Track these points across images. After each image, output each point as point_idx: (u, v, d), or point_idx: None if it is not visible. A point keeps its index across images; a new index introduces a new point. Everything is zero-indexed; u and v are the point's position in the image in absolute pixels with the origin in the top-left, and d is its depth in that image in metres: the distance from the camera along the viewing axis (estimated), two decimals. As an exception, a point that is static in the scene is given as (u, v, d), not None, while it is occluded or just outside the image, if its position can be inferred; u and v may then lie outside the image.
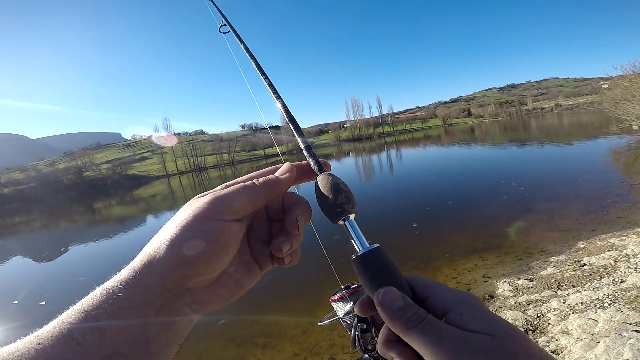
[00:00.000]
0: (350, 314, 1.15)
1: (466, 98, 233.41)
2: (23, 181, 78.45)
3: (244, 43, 0.86)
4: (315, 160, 0.47)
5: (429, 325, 0.32)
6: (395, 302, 0.34)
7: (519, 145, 24.06)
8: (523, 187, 9.87)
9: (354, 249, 0.40)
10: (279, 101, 0.63)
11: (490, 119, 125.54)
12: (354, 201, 0.42)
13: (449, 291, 0.35)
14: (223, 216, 0.36)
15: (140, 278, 0.32)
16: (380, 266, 0.37)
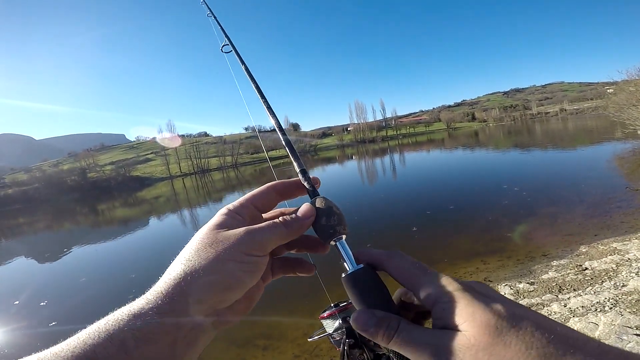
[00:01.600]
0: (339, 330, 1.17)
1: (470, 102, 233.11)
2: (27, 182, 78.99)
3: (245, 65, 0.88)
4: (309, 184, 0.50)
5: (404, 333, 0.33)
6: (367, 321, 0.36)
7: (523, 150, 23.99)
8: (525, 192, 9.85)
9: (344, 268, 0.42)
10: (277, 124, 0.65)
11: (494, 123, 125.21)
12: (345, 223, 0.45)
13: (434, 282, 0.35)
14: (258, 253, 0.38)
15: (174, 305, 0.33)
16: (368, 284, 0.39)
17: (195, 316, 0.34)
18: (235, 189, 28.58)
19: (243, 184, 33.78)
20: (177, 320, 0.33)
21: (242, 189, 27.95)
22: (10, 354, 4.97)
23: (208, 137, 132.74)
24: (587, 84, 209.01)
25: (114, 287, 7.26)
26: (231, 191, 27.84)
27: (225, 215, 0.42)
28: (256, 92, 0.76)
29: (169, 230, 14.76)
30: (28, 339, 5.38)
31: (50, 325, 5.67)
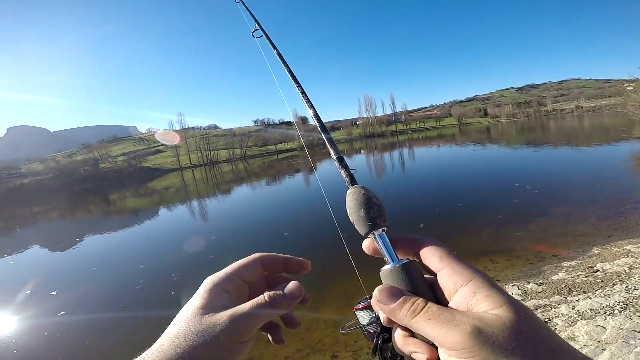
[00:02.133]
0: (374, 323, 1.16)
1: (482, 97, 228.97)
2: (42, 172, 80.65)
3: (277, 49, 0.88)
4: (347, 172, 0.49)
5: (433, 309, 0.33)
6: (392, 295, 0.36)
7: (536, 147, 23.55)
8: (537, 191, 9.67)
9: (384, 262, 0.41)
10: (311, 109, 0.65)
11: (507, 119, 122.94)
12: (385, 215, 0.43)
13: (460, 268, 0.36)
14: (244, 339, 0.39)
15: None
16: (408, 281, 0.38)
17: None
18: (244, 181, 28.72)
19: (251, 175, 33.95)
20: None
21: (250, 180, 28.11)
22: (19, 343, 5.08)
23: (217, 129, 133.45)
24: (605, 81, 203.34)
25: (123, 278, 7.38)
26: (239, 183, 28.00)
27: (210, 292, 0.41)
28: (289, 76, 0.76)
29: (177, 220, 14.95)
30: (37, 329, 5.48)
31: (59, 315, 5.77)
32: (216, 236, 10.07)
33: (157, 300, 5.87)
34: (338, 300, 4.88)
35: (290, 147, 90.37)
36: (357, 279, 3.00)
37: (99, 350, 4.60)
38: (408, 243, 0.42)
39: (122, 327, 5.18)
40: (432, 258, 0.38)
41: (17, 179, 78.66)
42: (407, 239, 0.42)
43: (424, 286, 0.38)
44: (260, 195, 19.31)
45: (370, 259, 0.45)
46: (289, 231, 9.14)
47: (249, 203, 16.84)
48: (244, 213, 13.67)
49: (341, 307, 4.69)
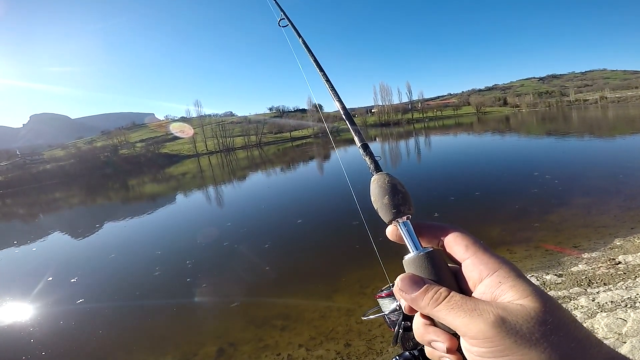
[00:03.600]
0: (397, 311, 1.17)
1: (502, 87, 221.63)
2: (64, 158, 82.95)
3: (302, 38, 0.88)
4: (371, 159, 0.49)
5: (456, 298, 0.33)
6: (414, 283, 0.36)
7: (557, 137, 22.82)
8: (558, 181, 9.40)
9: (407, 250, 0.40)
10: (336, 96, 0.64)
11: (527, 109, 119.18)
12: (410, 203, 0.42)
13: (486, 258, 0.35)
14: None
15: None
16: (432, 269, 0.37)
17: None
18: (259, 168, 28.90)
19: (266, 162, 34.11)
20: None
21: (265, 167, 28.25)
22: (35, 332, 5.16)
23: (233, 117, 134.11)
24: (632, 72, 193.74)
25: (140, 264, 7.55)
26: (254, 169, 28.19)
27: None
28: (314, 64, 0.75)
29: (194, 206, 15.21)
30: (55, 317, 5.56)
31: (77, 303, 5.87)
32: (231, 222, 10.21)
33: (172, 288, 6.00)
34: (352, 289, 4.89)
35: (304, 134, 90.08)
36: (370, 268, 3.07)
37: (113, 339, 4.70)
38: (433, 231, 0.41)
39: (137, 316, 5.27)
40: (457, 247, 0.38)
41: (39, 165, 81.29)
42: (431, 226, 0.41)
43: (447, 275, 0.37)
44: (275, 182, 19.42)
45: (392, 247, 0.45)
46: (303, 218, 9.19)
47: (263, 189, 16.96)
48: (259, 199, 13.79)
49: (355, 295, 4.70)
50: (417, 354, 1.11)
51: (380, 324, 3.90)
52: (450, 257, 0.39)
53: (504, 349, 0.28)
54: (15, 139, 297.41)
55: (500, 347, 0.29)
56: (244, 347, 4.00)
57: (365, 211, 1.04)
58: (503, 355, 0.29)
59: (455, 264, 0.38)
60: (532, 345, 0.28)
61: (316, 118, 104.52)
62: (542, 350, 0.28)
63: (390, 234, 0.43)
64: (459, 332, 0.32)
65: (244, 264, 6.51)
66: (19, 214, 25.38)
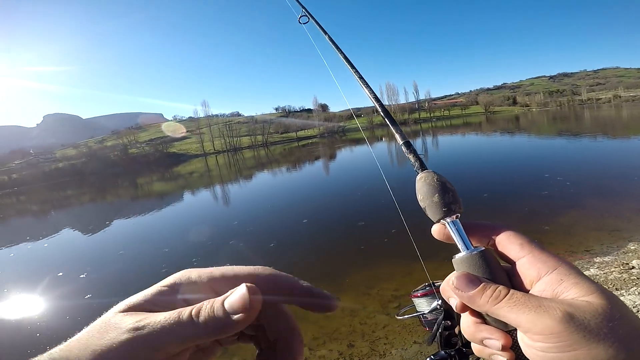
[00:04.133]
0: (436, 310, 1.17)
1: (511, 85, 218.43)
2: (75, 157, 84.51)
3: (328, 34, 0.85)
4: (416, 157, 0.48)
5: (518, 295, 0.33)
6: (471, 281, 0.36)
7: (569, 137, 22.44)
8: (569, 182, 9.21)
9: (457, 249, 0.40)
10: (371, 93, 0.62)
11: (537, 108, 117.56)
12: (460, 201, 0.42)
13: (543, 256, 0.35)
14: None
15: None
16: (486, 268, 0.37)
17: None
18: (265, 167, 28.97)
19: (272, 162, 34.18)
20: None
21: (271, 167, 28.32)
22: (43, 326, 5.18)
23: (240, 117, 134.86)
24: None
25: (148, 261, 7.60)
26: (261, 169, 28.27)
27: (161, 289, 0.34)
28: (344, 61, 0.72)
29: (201, 205, 15.30)
30: (62, 312, 5.60)
31: (85, 298, 5.93)
32: (238, 221, 10.23)
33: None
34: (357, 289, 4.83)
35: (310, 134, 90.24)
36: (375, 268, 2.98)
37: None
38: (483, 230, 0.41)
39: None
40: (512, 246, 0.38)
41: (52, 164, 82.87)
42: (482, 225, 0.41)
43: (501, 274, 0.37)
44: (281, 182, 19.44)
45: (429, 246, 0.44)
46: (309, 218, 9.15)
47: (270, 189, 17.00)
48: (265, 198, 13.81)
49: (360, 296, 4.65)
50: (454, 352, 1.10)
51: (385, 326, 3.84)
52: (502, 256, 0.39)
53: (571, 343, 0.29)
54: (29, 138, 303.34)
55: (567, 342, 0.29)
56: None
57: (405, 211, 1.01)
58: (570, 350, 0.29)
59: (507, 263, 0.39)
60: (601, 339, 0.28)
61: (322, 118, 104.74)
62: (609, 345, 0.28)
63: (438, 233, 0.43)
64: (521, 328, 0.32)
65: (249, 262, 6.48)
66: (32, 211, 25.86)
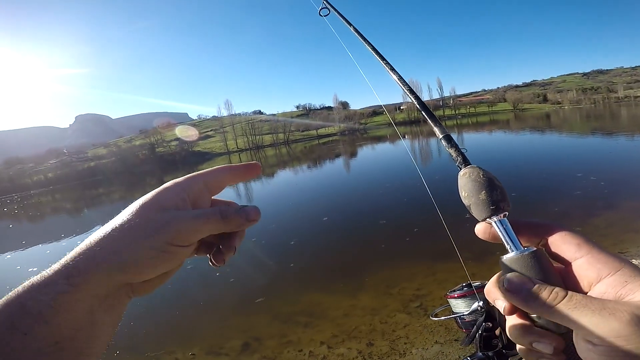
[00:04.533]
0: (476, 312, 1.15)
1: (542, 83, 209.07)
2: (106, 156, 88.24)
3: (353, 25, 0.83)
4: (458, 152, 0.46)
5: (575, 300, 0.31)
6: (525, 283, 0.34)
7: (604, 136, 21.35)
8: (604, 182, 8.75)
9: (505, 249, 0.39)
10: (406, 87, 0.59)
11: (570, 105, 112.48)
12: (508, 199, 0.40)
13: (604, 257, 0.34)
14: (184, 243, 0.36)
15: (87, 277, 0.32)
16: (539, 269, 0.35)
17: (108, 287, 0.34)
18: (287, 165, 29.20)
19: (294, 159, 34.39)
20: (89, 290, 0.32)
21: (292, 164, 28.51)
22: None
23: (262, 115, 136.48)
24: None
25: None
26: (283, 167, 28.51)
27: (168, 191, 0.39)
28: (372, 52, 0.69)
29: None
30: None
31: None
32: (260, 219, 10.37)
33: (201, 282, 6.14)
34: (377, 288, 4.79)
35: (330, 132, 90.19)
36: (396, 268, 2.93)
37: (144, 331, 4.87)
38: (534, 229, 0.39)
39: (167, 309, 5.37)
40: (568, 246, 0.36)
41: (84, 163, 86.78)
42: (532, 224, 0.40)
43: (554, 275, 0.35)
44: (302, 179, 19.56)
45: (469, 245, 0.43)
46: (329, 216, 9.15)
47: (291, 186, 17.12)
48: (287, 196, 13.94)
49: (380, 295, 4.61)
50: (492, 354, 1.09)
51: (405, 325, 3.79)
52: (555, 257, 0.37)
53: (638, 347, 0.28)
54: (62, 138, 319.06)
55: (634, 345, 0.28)
56: (268, 342, 4.03)
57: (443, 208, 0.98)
58: (636, 354, 0.28)
59: (560, 264, 0.37)
60: None
61: (342, 115, 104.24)
62: None
63: (483, 233, 0.41)
64: (582, 331, 0.31)
65: (270, 260, 6.56)
66: (66, 209, 27.17)
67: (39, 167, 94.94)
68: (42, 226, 19.89)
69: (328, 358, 3.55)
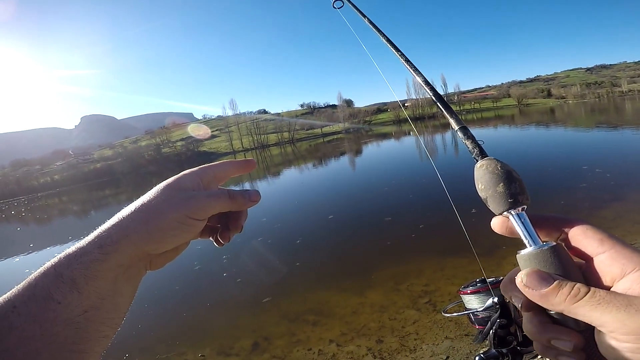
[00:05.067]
0: (491, 308, 1.12)
1: (546, 78, 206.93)
2: (112, 157, 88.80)
3: (367, 17, 0.82)
4: (474, 143, 0.45)
5: (598, 297, 0.30)
6: (544, 278, 0.33)
7: (609, 129, 21.12)
8: (610, 175, 8.67)
9: (523, 244, 0.37)
10: (420, 77, 0.58)
11: (574, 100, 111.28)
12: (527, 192, 0.39)
13: (628, 252, 0.33)
14: (199, 217, 0.43)
15: (118, 246, 0.37)
16: (558, 264, 0.34)
17: (132, 258, 0.39)
18: (292, 164, 29.24)
19: (299, 158, 34.42)
20: (117, 259, 0.37)
21: (297, 163, 28.52)
22: None
23: (266, 114, 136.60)
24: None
25: (181, 259, 7.74)
26: (288, 165, 28.55)
27: (186, 176, 0.46)
28: (387, 43, 0.69)
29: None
30: None
31: None
32: (267, 218, 10.39)
33: (209, 282, 6.19)
34: (385, 285, 4.79)
35: (335, 130, 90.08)
36: (404, 264, 2.94)
37: (154, 332, 4.92)
38: (554, 223, 0.38)
39: (177, 309, 5.43)
40: (589, 240, 0.35)
41: (90, 164, 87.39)
42: (552, 218, 0.39)
43: (575, 271, 0.34)
44: (307, 177, 19.56)
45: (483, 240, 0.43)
46: (334, 214, 9.16)
47: (297, 185, 17.13)
48: (293, 195, 13.94)
49: (388, 292, 4.61)
50: (506, 351, 1.07)
51: (415, 321, 3.80)
52: (576, 252, 0.36)
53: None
54: (68, 139, 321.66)
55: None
56: (277, 341, 4.05)
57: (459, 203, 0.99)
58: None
59: (581, 260, 0.36)
60: None
61: (347, 113, 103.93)
62: None
63: (499, 227, 0.40)
64: (605, 328, 0.30)
65: (276, 259, 6.59)
66: (73, 211, 27.44)
67: (46, 169, 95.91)
68: (50, 229, 20.10)
69: (337, 356, 3.56)
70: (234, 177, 0.53)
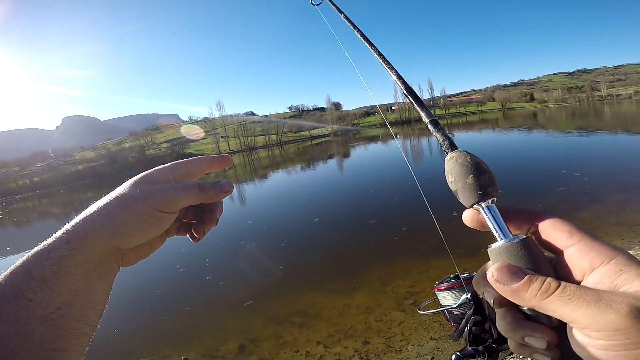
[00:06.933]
0: (464, 304, 1.10)
1: (529, 82, 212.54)
2: (94, 159, 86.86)
3: (344, 13, 0.81)
4: (444, 136, 0.44)
5: (569, 292, 0.29)
6: (515, 273, 0.32)
7: (588, 133, 21.80)
8: (587, 178, 8.96)
9: (494, 238, 0.37)
10: (393, 72, 0.60)
11: (556, 104, 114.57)
12: (496, 184, 0.38)
13: (597, 245, 0.32)
14: (168, 210, 0.42)
15: (86, 241, 0.36)
16: (529, 258, 0.33)
17: (102, 253, 0.38)
18: (280, 166, 29.15)
19: (287, 161, 34.35)
20: (85, 254, 0.36)
21: (285, 166, 28.47)
22: None
23: (254, 116, 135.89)
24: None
25: (163, 259, 7.48)
26: (275, 168, 28.46)
27: (157, 171, 0.45)
28: (363, 41, 0.68)
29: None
30: None
31: None
32: (253, 220, 10.34)
33: (193, 285, 6.14)
34: (372, 287, 4.84)
35: (323, 132, 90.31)
36: (389, 265, 3.02)
37: (137, 334, 4.87)
38: (523, 216, 0.37)
39: (160, 312, 5.37)
40: (559, 233, 0.34)
41: (72, 166, 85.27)
42: (522, 210, 0.38)
43: (545, 264, 0.34)
44: (295, 180, 19.53)
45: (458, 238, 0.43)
46: (320, 216, 9.19)
47: (284, 188, 17.10)
48: (280, 197, 13.92)
49: (374, 293, 4.66)
50: (482, 349, 1.04)
51: (401, 322, 3.85)
52: (546, 245, 0.36)
53: (639, 341, 0.26)
54: (49, 140, 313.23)
55: (634, 339, 0.26)
56: (264, 344, 4.04)
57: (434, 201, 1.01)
58: (636, 348, 0.26)
59: (551, 253, 0.36)
60: None
61: (335, 116, 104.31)
62: None
63: (470, 220, 0.39)
64: (577, 324, 0.29)
65: (262, 261, 6.56)
66: (55, 214, 26.68)
67: (24, 170, 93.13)
68: (29, 232, 19.55)
69: (325, 358, 3.58)
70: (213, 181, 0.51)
